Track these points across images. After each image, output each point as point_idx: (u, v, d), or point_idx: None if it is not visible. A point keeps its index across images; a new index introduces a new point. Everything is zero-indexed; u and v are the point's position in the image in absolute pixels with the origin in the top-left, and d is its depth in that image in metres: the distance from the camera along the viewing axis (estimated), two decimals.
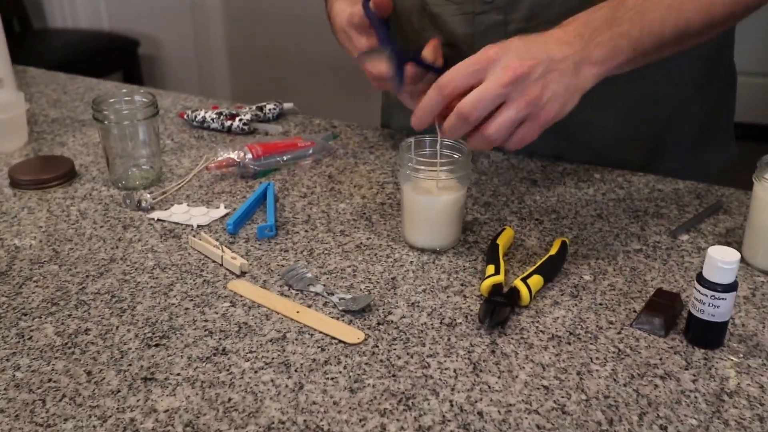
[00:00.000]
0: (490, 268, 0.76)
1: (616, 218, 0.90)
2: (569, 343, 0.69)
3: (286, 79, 2.93)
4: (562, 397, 0.62)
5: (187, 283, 0.78)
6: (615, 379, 0.64)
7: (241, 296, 0.76)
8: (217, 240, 0.84)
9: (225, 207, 0.92)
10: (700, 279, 0.66)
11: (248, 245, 0.85)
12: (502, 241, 0.81)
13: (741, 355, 0.67)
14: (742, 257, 0.82)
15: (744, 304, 0.74)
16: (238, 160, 1.00)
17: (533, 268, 0.76)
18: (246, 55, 3.03)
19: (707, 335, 0.68)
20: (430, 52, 0.90)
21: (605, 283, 0.78)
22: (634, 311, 0.73)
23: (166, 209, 0.92)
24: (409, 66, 0.84)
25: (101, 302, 0.75)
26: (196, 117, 1.16)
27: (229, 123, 1.14)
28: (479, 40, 0.93)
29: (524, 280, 0.74)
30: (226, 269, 0.80)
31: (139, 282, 0.78)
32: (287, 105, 1.22)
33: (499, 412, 0.61)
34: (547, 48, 0.72)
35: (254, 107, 1.18)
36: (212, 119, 1.15)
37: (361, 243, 0.85)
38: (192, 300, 0.75)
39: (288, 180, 1.00)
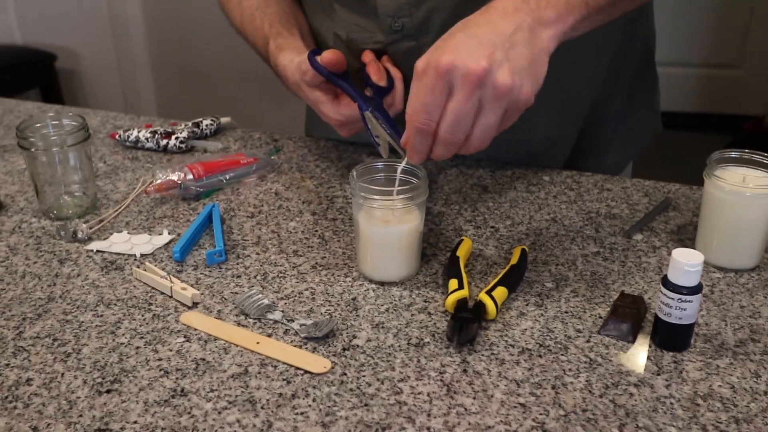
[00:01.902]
0: (453, 283, 0.74)
1: (570, 221, 0.90)
2: (540, 356, 0.67)
3: (215, 90, 2.86)
4: (540, 414, 0.61)
5: (135, 319, 0.73)
6: (590, 391, 0.63)
7: (196, 329, 0.71)
8: (163, 269, 0.80)
9: (169, 233, 0.88)
10: (666, 283, 0.66)
11: (197, 273, 0.80)
12: (462, 253, 0.80)
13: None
14: None
15: (704, 303, 0.74)
16: (179, 182, 0.95)
17: (496, 279, 0.75)
18: (171, 67, 2.93)
19: (675, 338, 0.68)
20: (375, 73, 0.88)
21: (568, 290, 0.77)
22: (600, 317, 0.73)
23: (104, 239, 0.87)
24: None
25: (42, 347, 0.69)
26: (128, 137, 1.10)
27: (165, 142, 1.09)
28: (400, 64, 0.92)
29: (489, 292, 0.72)
30: (177, 301, 0.76)
31: (82, 321, 0.73)
32: (224, 119, 1.18)
33: None
34: (495, 26, 0.68)
35: (190, 124, 1.13)
36: (146, 138, 1.10)
37: (316, 263, 0.82)
38: (143, 337, 0.70)
39: (233, 200, 0.96)
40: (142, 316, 0.74)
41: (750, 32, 3.14)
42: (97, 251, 0.84)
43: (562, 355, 0.67)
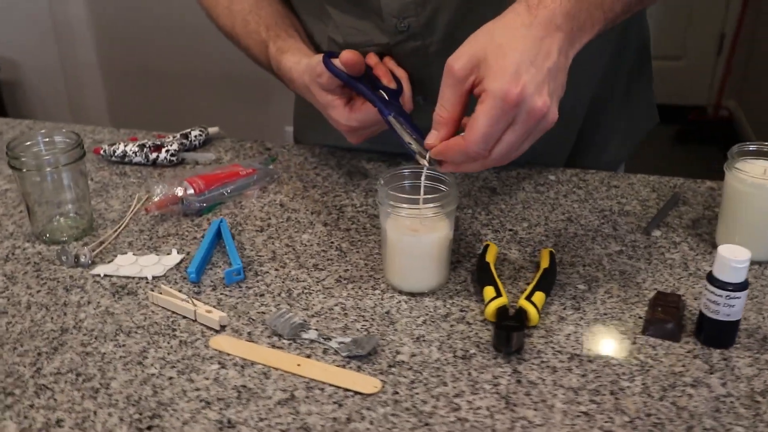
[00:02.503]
0: (489, 290, 0.72)
1: (586, 220, 0.89)
2: (590, 361, 0.66)
3: (170, 97, 2.77)
4: (606, 422, 0.59)
5: (161, 347, 0.69)
6: (649, 395, 0.62)
7: (229, 354, 0.68)
8: (179, 291, 0.76)
9: (178, 252, 0.83)
10: (713, 280, 0.66)
11: (217, 294, 0.76)
12: (491, 259, 0.78)
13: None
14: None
15: None
16: (181, 197, 0.91)
17: (533, 284, 0.73)
18: (123, 72, 2.83)
19: (721, 335, 0.67)
20: (384, 75, 0.86)
21: (601, 291, 0.76)
22: (639, 317, 0.72)
23: (109, 262, 0.82)
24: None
25: (66, 383, 0.65)
26: (114, 152, 1.05)
27: (154, 155, 1.04)
28: (405, 64, 0.89)
29: (528, 298, 0.71)
30: (202, 325, 0.72)
31: (104, 353, 0.68)
32: (212, 129, 1.13)
33: None
34: (541, 46, 0.66)
35: (178, 135, 1.08)
36: (134, 153, 1.04)
37: (340, 276, 0.79)
38: (174, 366, 0.66)
39: (238, 213, 0.92)
40: (168, 343, 0.69)
41: (691, 24, 3.23)
42: (105, 276, 0.79)
43: (612, 359, 0.66)
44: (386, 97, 0.83)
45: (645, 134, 1.14)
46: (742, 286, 0.65)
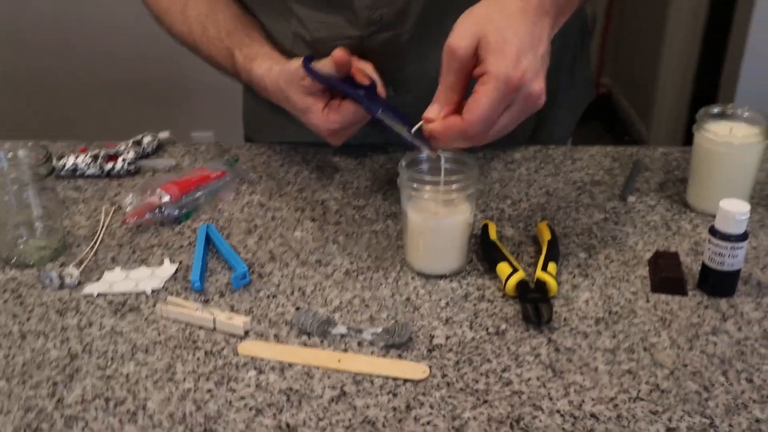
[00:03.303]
0: (504, 266, 0.74)
1: (564, 193, 0.93)
2: (616, 323, 0.69)
3: (61, 106, 2.60)
4: (650, 376, 0.62)
5: (188, 361, 0.65)
6: (678, 346, 0.66)
7: (262, 359, 0.65)
8: (185, 300, 0.72)
9: (171, 262, 0.79)
10: (716, 233, 0.70)
11: (228, 300, 0.73)
12: (494, 237, 0.79)
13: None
14: (690, 206, 0.89)
15: None
16: (159, 205, 0.86)
17: (543, 256, 0.75)
18: (9, 87, 2.63)
19: (726, 285, 0.72)
20: (357, 73, 0.84)
21: (602, 257, 0.79)
22: (645, 277, 0.76)
23: (97, 280, 0.77)
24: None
25: (98, 410, 0.60)
26: (64, 165, 0.98)
27: (110, 165, 0.98)
28: (376, 56, 0.89)
29: (544, 270, 0.73)
30: (223, 333, 0.69)
31: (128, 374, 0.64)
32: (163, 134, 1.08)
33: (608, 408, 0.59)
34: (533, 31, 0.68)
35: (131, 142, 1.03)
36: (87, 164, 0.98)
37: (347, 270, 0.78)
38: (209, 378, 0.63)
39: (219, 218, 0.89)
40: (194, 355, 0.66)
41: None
42: (98, 294, 0.74)
43: (634, 317, 0.70)
44: (366, 93, 0.83)
45: (584, 108, 1.19)
46: (744, 237, 0.70)
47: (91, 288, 0.75)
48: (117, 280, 0.76)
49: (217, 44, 0.93)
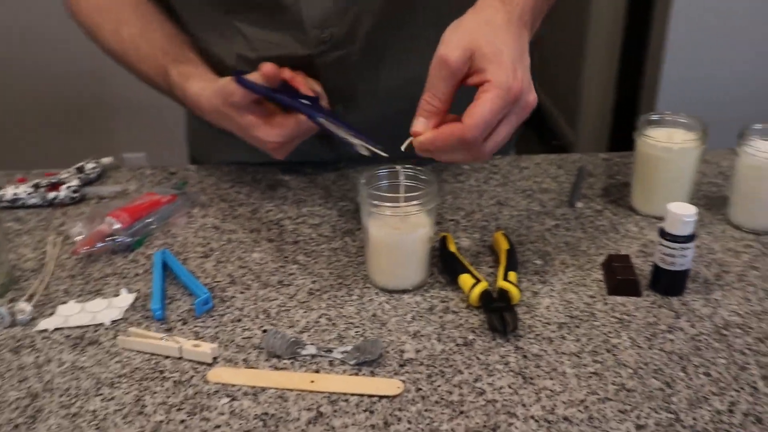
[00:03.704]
0: (467, 278, 0.75)
1: (515, 202, 0.95)
2: (578, 327, 0.71)
3: None
4: (616, 377, 0.65)
5: (156, 392, 0.64)
6: (639, 346, 0.68)
7: (234, 385, 0.64)
8: (147, 330, 0.70)
9: (128, 291, 0.77)
10: (666, 235, 0.74)
11: (191, 327, 0.72)
12: (453, 249, 0.81)
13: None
14: (634, 209, 0.92)
15: None
16: (110, 233, 0.84)
17: (503, 266, 0.77)
18: None
19: (676, 284, 0.75)
20: (302, 85, 0.85)
21: (557, 263, 0.82)
22: (600, 280, 0.78)
23: (50, 315, 0.74)
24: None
25: None
26: (3, 196, 0.94)
27: (53, 194, 0.95)
28: (327, 74, 0.90)
29: (505, 279, 0.74)
30: (189, 361, 0.67)
31: (94, 410, 0.62)
32: (106, 160, 1.05)
33: (580, 411, 0.61)
34: (517, 44, 0.69)
35: (73, 170, 1.00)
36: (28, 194, 0.94)
37: (310, 289, 0.78)
38: (180, 409, 0.62)
39: (172, 243, 0.87)
40: (162, 386, 0.65)
41: None
42: (55, 329, 0.72)
43: (593, 321, 0.72)
44: (309, 103, 0.83)
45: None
46: (692, 237, 0.73)
47: (46, 323, 0.73)
48: (72, 314, 0.74)
49: (151, 62, 0.92)
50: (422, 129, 0.68)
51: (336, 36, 0.88)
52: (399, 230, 0.74)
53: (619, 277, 0.76)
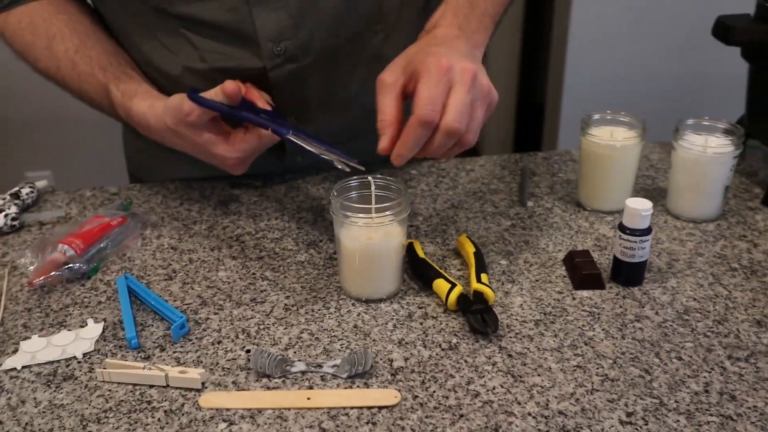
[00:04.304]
0: (441, 283, 0.76)
1: (469, 204, 0.97)
2: (553, 323, 0.74)
3: None
4: (598, 368, 0.68)
5: (149, 424, 0.62)
6: (613, 336, 0.72)
7: (228, 409, 0.63)
8: (125, 361, 0.68)
9: (94, 321, 0.74)
10: (625, 229, 0.78)
11: (169, 353, 0.70)
12: (422, 254, 0.82)
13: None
14: (582, 204, 0.97)
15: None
16: (64, 261, 0.80)
17: (473, 268, 0.79)
18: None
19: (636, 275, 0.80)
20: (259, 98, 0.84)
21: (521, 262, 0.84)
22: (564, 276, 0.82)
23: (14, 352, 0.70)
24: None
25: None
26: None
27: None
28: (282, 88, 0.90)
29: (479, 281, 0.76)
30: (177, 389, 0.65)
31: None
32: (40, 183, 1.00)
33: (572, 404, 0.64)
34: (454, 44, 0.75)
35: (8, 196, 0.94)
36: None
37: (285, 305, 0.77)
38: None
39: (131, 267, 0.84)
40: (153, 416, 0.62)
41: None
42: (24, 367, 0.68)
43: (568, 315, 0.75)
44: (274, 119, 0.82)
45: None
46: (649, 230, 0.78)
47: (12, 361, 0.69)
48: (39, 349, 0.70)
49: (90, 80, 0.88)
50: (386, 143, 0.71)
51: (290, 49, 0.87)
52: (372, 240, 0.75)
53: (585, 272, 0.79)
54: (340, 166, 0.77)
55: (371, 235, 0.75)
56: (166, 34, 0.89)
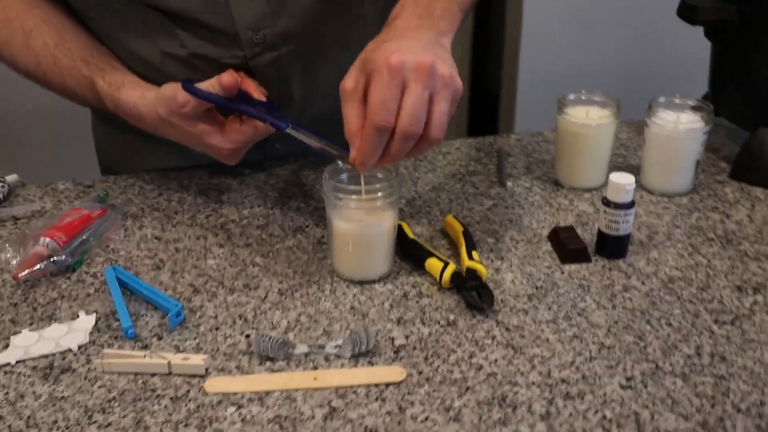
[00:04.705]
0: (434, 262, 0.77)
1: (450, 186, 0.99)
2: (545, 296, 0.76)
3: None
4: (594, 337, 0.70)
5: (155, 411, 0.61)
6: (604, 306, 0.74)
7: (235, 393, 0.63)
8: (124, 350, 0.67)
9: (86, 313, 0.73)
10: (609, 204, 0.80)
11: (168, 342, 0.69)
12: (412, 236, 0.83)
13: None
14: (560, 182, 0.99)
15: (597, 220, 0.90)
16: (48, 254, 0.78)
17: (463, 247, 0.80)
18: None
19: (621, 247, 0.82)
20: (254, 89, 0.83)
21: (507, 240, 0.86)
22: (550, 251, 0.84)
23: (4, 348, 0.68)
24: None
25: None
26: None
27: None
28: (263, 76, 0.89)
29: (470, 259, 0.78)
30: (179, 376, 0.65)
31: None
32: (11, 178, 0.97)
33: (572, 372, 0.65)
34: (412, 37, 0.72)
35: None
36: None
37: (279, 290, 0.77)
38: (187, 424, 0.60)
39: (116, 258, 0.83)
40: (159, 404, 0.62)
41: None
42: (18, 362, 0.66)
43: (559, 289, 0.77)
44: (268, 112, 0.82)
45: None
46: (632, 204, 0.80)
47: (5, 356, 0.67)
48: (31, 343, 0.69)
49: (73, 74, 0.87)
50: (354, 154, 0.70)
51: (269, 38, 0.87)
52: (364, 222, 0.75)
53: (571, 247, 0.81)
54: (339, 162, 0.77)
55: (364, 217, 0.75)
56: (142, 21, 0.87)
